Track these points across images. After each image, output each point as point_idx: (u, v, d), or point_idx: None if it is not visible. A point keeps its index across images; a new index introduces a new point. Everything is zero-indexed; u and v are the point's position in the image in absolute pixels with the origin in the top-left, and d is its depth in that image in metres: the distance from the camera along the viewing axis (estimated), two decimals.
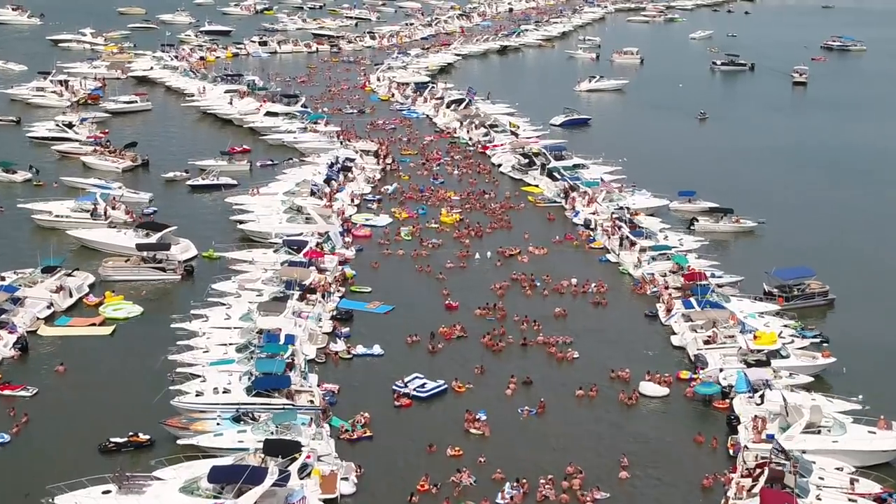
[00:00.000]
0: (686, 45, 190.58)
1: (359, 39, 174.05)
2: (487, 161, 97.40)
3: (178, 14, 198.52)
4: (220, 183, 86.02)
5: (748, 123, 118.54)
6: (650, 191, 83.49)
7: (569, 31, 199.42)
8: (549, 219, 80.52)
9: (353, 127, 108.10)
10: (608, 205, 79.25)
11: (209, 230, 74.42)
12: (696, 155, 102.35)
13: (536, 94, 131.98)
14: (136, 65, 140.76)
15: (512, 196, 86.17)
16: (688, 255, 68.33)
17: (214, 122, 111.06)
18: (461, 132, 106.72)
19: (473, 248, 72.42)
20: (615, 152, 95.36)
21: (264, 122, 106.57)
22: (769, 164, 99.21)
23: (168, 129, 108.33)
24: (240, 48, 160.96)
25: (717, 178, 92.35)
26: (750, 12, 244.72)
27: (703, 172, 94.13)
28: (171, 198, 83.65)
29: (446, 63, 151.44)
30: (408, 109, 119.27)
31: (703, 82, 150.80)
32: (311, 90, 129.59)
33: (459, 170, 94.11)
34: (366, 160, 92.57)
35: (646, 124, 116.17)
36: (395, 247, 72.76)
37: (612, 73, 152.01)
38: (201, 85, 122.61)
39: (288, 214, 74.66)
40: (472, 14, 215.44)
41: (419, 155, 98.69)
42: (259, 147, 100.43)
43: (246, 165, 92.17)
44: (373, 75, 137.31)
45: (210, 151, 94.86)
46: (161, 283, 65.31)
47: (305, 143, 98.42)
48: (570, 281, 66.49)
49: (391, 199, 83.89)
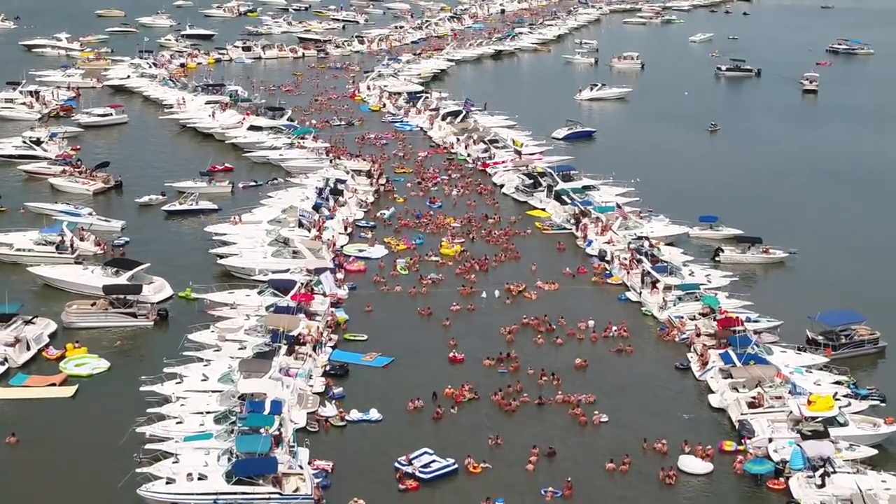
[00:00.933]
0: (686, 48, 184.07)
1: (347, 44, 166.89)
2: (488, 180, 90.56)
3: (159, 17, 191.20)
4: (199, 208, 79.02)
5: (762, 135, 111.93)
6: (667, 216, 76.75)
7: (564, 33, 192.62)
8: (558, 248, 73.71)
9: (343, 142, 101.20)
10: (624, 234, 72.50)
11: (186, 264, 67.43)
12: (711, 172, 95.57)
13: (535, 103, 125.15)
14: (113, 73, 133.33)
15: (517, 221, 79.38)
16: (718, 295, 61.60)
17: (194, 137, 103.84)
18: (459, 147, 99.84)
19: (478, 285, 65.59)
20: (624, 170, 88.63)
21: (247, 136, 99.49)
22: (791, 181, 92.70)
23: (145, 144, 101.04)
24: (222, 54, 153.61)
25: (737, 198, 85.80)
26: (748, 13, 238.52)
27: (720, 193, 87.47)
28: (145, 225, 76.50)
29: (439, 69, 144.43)
30: (400, 122, 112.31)
31: (709, 89, 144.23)
32: (297, 100, 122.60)
33: (458, 189, 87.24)
34: (358, 181, 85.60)
35: (654, 137, 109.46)
36: (392, 282, 65.89)
37: (611, 78, 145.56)
38: (181, 96, 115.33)
39: (274, 248, 67.65)
40: (463, 16, 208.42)
41: (414, 173, 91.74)
42: (242, 165, 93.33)
43: (228, 187, 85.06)
44: (362, 83, 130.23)
45: (189, 170, 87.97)
46: (131, 330, 58.16)
47: (292, 162, 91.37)
48: (588, 323, 59.86)
49: (387, 225, 76.93)
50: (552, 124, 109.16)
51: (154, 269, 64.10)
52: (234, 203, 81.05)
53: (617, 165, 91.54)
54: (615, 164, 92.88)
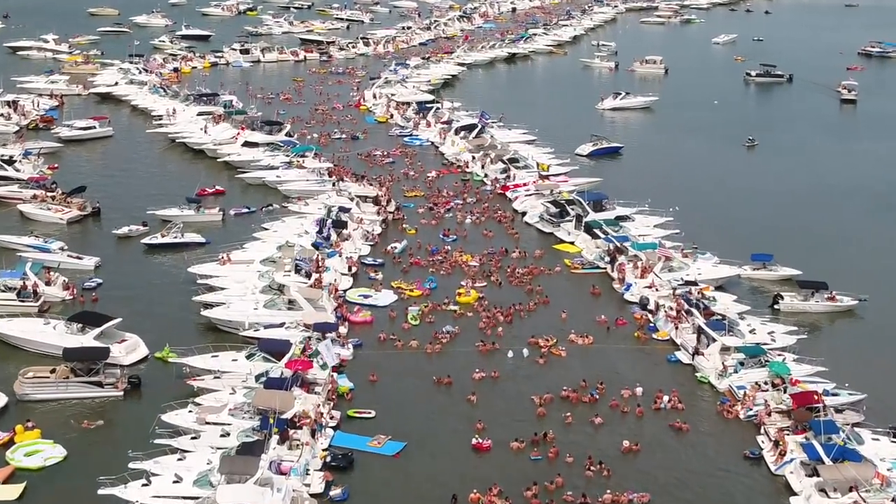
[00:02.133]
0: (710, 50, 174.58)
1: (351, 46, 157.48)
2: (507, 206, 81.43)
3: (154, 16, 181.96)
4: (183, 241, 69.95)
5: (804, 152, 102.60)
6: (714, 253, 67.60)
7: (580, 34, 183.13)
8: (592, 292, 64.48)
9: (347, 160, 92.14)
10: (668, 277, 63.34)
11: (166, 314, 58.58)
12: (755, 197, 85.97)
13: (554, 114, 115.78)
14: (100, 78, 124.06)
15: (542, 255, 70.32)
16: (787, 360, 52.48)
17: (184, 154, 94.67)
18: (474, 167, 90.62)
19: (502, 339, 56.51)
20: (658, 194, 79.78)
21: (241, 154, 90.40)
22: (846, 208, 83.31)
23: (129, 162, 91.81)
24: (219, 57, 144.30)
25: (788, 229, 76.73)
26: (770, 12, 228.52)
27: (767, 222, 78.36)
28: (123, 262, 67.43)
29: (450, 75, 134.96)
30: (409, 135, 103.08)
31: (739, 97, 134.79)
32: (296, 109, 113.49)
33: (473, 216, 78.17)
34: (363, 208, 76.49)
35: (686, 154, 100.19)
36: (404, 335, 56.87)
37: (633, 84, 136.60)
38: (171, 106, 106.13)
39: (266, 296, 58.57)
40: (473, 15, 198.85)
41: (426, 197, 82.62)
42: (235, 187, 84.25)
43: (218, 215, 76.01)
44: (368, 91, 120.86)
45: (176, 194, 78.96)
46: (97, 404, 49.13)
47: (290, 185, 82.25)
48: (635, 392, 50.83)
49: (397, 262, 67.83)
50: (575, 139, 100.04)
51: (128, 323, 55.19)
52: (225, 233, 72.22)
53: (649, 188, 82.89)
54: (647, 186, 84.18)
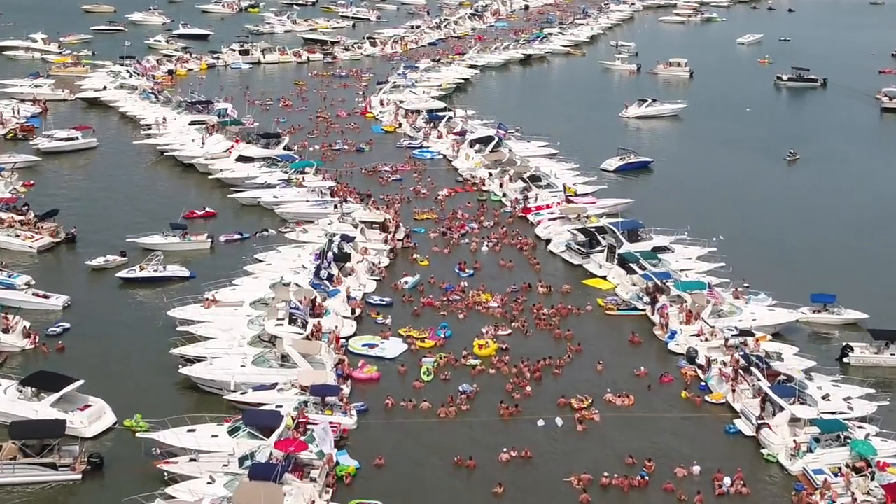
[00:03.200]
0: (734, 51, 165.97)
1: (357, 46, 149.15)
2: (528, 229, 73.23)
3: (150, 13, 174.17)
4: (165, 275, 61.89)
5: (852, 167, 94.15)
6: (768, 293, 59.28)
7: (597, 34, 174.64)
8: (631, 340, 56.15)
9: (350, 176, 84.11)
10: (719, 324, 55.03)
11: (139, 370, 50.52)
12: (804, 221, 77.47)
13: (575, 122, 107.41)
14: (88, 82, 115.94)
15: (571, 291, 62.17)
16: (869, 435, 44.24)
17: (174, 168, 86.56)
18: (492, 185, 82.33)
19: (530, 404, 48.36)
20: (696, 218, 71.85)
21: (235, 170, 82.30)
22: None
23: (112, 178, 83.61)
24: (217, 58, 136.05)
25: (846, 261, 68.52)
26: (793, 10, 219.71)
27: (822, 252, 70.21)
28: (95, 301, 59.33)
29: (462, 79, 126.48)
30: (419, 148, 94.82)
31: (771, 104, 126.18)
32: (297, 117, 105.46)
33: (490, 242, 70.01)
34: (369, 235, 68.30)
35: (722, 169, 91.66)
36: (415, 395, 48.74)
37: (656, 88, 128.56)
38: (161, 114, 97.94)
39: (256, 349, 50.43)
40: (484, 13, 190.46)
41: (437, 220, 74.44)
42: (227, 209, 76.15)
43: (206, 243, 67.90)
44: (375, 97, 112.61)
45: (163, 215, 71.20)
46: (50, 490, 41.07)
47: (288, 207, 74.15)
48: (691, 471, 42.71)
49: (407, 301, 59.64)
50: (599, 152, 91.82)
51: (94, 381, 47.32)
52: (213, 265, 64.24)
53: (685, 211, 75.02)
54: (683, 208, 76.32)
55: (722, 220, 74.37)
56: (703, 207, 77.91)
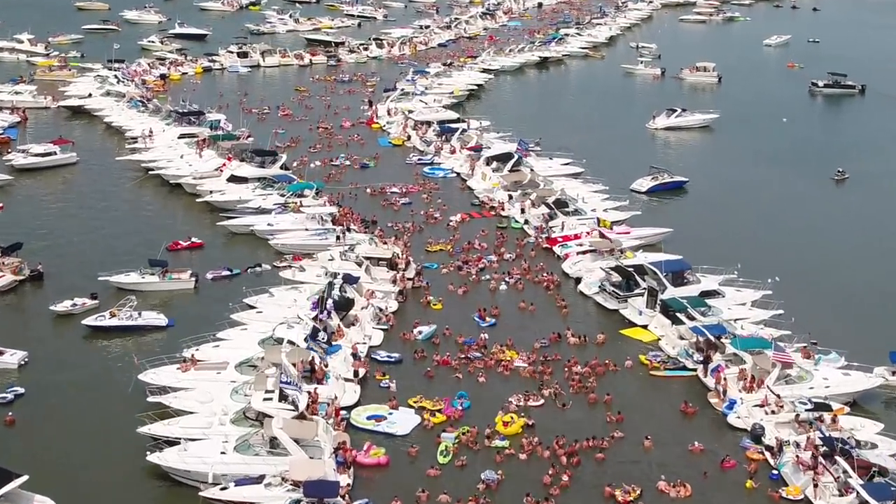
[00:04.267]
0: (762, 54, 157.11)
1: (363, 48, 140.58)
2: (554, 263, 64.92)
3: (146, 12, 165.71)
4: (139, 323, 53.73)
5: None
6: (840, 351, 50.80)
7: (616, 34, 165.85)
8: (684, 410, 47.73)
9: (355, 198, 75.89)
10: (787, 392, 46.64)
11: (101, 455, 42.27)
12: (869, 256, 68.22)
13: (599, 134, 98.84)
14: (73, 88, 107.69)
15: (606, 341, 53.88)
16: None
17: (159, 189, 78.25)
18: (511, 209, 73.95)
19: (567, 499, 40.12)
20: (744, 253, 63.89)
21: (226, 192, 74.04)
22: None
23: (90, 201, 75.20)
24: (213, 61, 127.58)
25: None
26: (818, 9, 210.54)
27: (891, 294, 61.42)
28: (57, 357, 51.18)
29: (475, 85, 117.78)
30: (430, 165, 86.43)
31: (807, 113, 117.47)
32: (298, 127, 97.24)
33: (510, 278, 61.69)
34: (375, 274, 59.96)
35: (764, 190, 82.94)
36: (431, 484, 40.49)
37: (682, 94, 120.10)
38: (149, 126, 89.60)
39: (240, 429, 42.15)
40: (496, 12, 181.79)
41: (451, 252, 66.06)
42: (216, 238, 67.94)
43: (189, 282, 59.60)
44: (381, 105, 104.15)
45: (144, 245, 63.31)
46: None
47: (284, 238, 65.88)
48: None
49: (419, 357, 51.31)
50: (628, 169, 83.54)
51: (45, 474, 39.16)
52: (196, 309, 56.27)
53: (731, 243, 67.33)
54: (727, 239, 68.51)
55: (771, 253, 66.20)
56: (748, 238, 69.61)
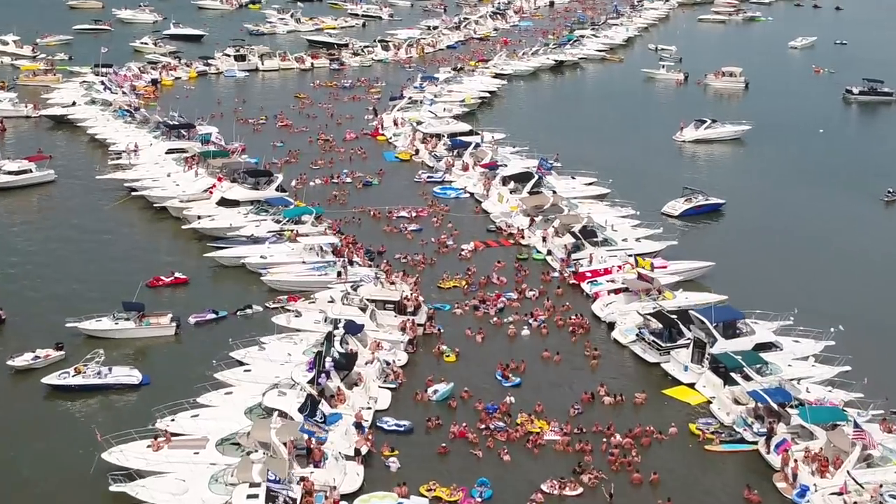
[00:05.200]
0: (787, 57, 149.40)
1: (368, 51, 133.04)
2: (582, 303, 57.54)
3: (141, 11, 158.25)
4: (109, 382, 46.55)
5: None
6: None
7: (633, 36, 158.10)
8: (747, 498, 40.26)
9: (359, 223, 68.67)
10: (868, 478, 39.23)
11: None
12: None
13: (623, 148, 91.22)
14: (57, 96, 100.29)
15: (647, 402, 46.57)
16: None
17: (142, 213, 70.94)
18: (532, 237, 66.55)
19: None
20: (796, 292, 56.29)
21: (216, 217, 66.72)
22: None
23: (64, 229, 67.69)
24: (208, 65, 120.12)
25: None
26: (841, 8, 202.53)
27: None
28: (11, 425, 43.96)
29: (487, 92, 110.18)
30: (441, 183, 79.05)
31: (843, 123, 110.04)
32: (298, 140, 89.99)
33: (534, 320, 54.39)
34: (382, 319, 52.59)
35: (808, 214, 75.49)
36: None
37: (708, 102, 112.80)
38: (134, 140, 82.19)
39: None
40: (507, 11, 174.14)
41: (465, 289, 58.69)
42: (202, 272, 60.61)
43: (170, 327, 52.37)
44: (388, 114, 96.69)
45: (118, 286, 55.77)
46: None
47: (278, 274, 58.57)
48: None
49: (433, 426, 43.99)
50: (659, 190, 76.33)
51: None
52: (175, 363, 49.09)
53: (777, 277, 60.81)
54: (773, 273, 62.17)
55: (827, 291, 59.02)
56: (798, 272, 62.26)
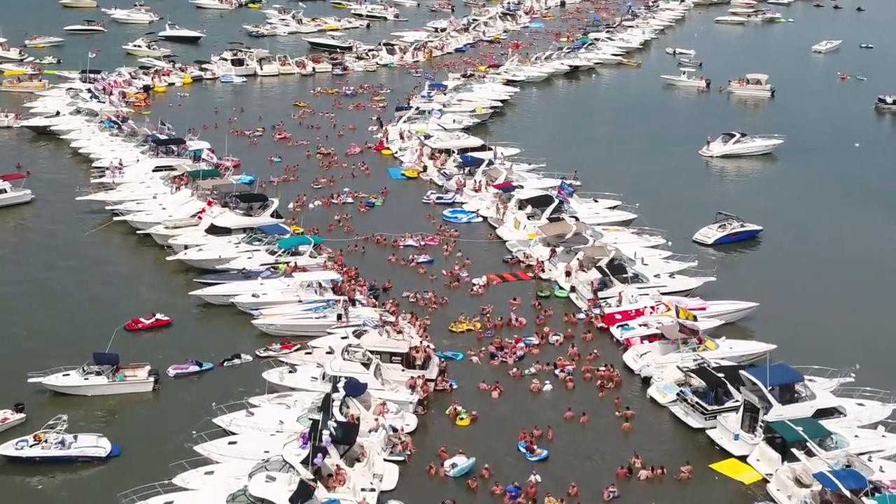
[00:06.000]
0: (812, 62, 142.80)
1: (372, 54, 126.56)
2: (612, 351, 51.15)
3: (136, 11, 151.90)
4: (72, 454, 40.35)
5: None
6: None
7: (650, 39, 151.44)
8: None
9: (363, 252, 62.35)
10: None
11: None
12: None
13: (646, 165, 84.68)
14: (40, 104, 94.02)
15: (692, 478, 40.35)
16: None
17: (125, 240, 64.58)
18: (553, 270, 60.13)
19: None
20: (856, 341, 50.48)
21: (204, 248, 60.36)
22: None
23: (34, 261, 61.16)
24: (204, 70, 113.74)
25: None
26: (863, 9, 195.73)
27: None
28: None
29: (499, 101, 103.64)
30: (451, 203, 72.76)
31: (877, 136, 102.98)
32: (297, 154, 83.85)
33: (561, 371, 48.16)
34: (388, 374, 46.26)
35: (854, 241, 68.66)
36: None
37: (732, 110, 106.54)
38: (119, 157, 75.85)
39: None
40: (517, 12, 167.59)
41: (480, 333, 52.36)
42: (188, 310, 54.41)
43: (147, 383, 46.13)
44: (393, 126, 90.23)
45: (92, 330, 49.66)
46: None
47: (271, 316, 52.21)
48: None
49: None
50: (688, 213, 70.06)
51: None
52: (152, 426, 42.83)
53: (829, 321, 54.58)
54: (823, 315, 55.66)
55: (891, 340, 52.21)
56: (854, 314, 55.83)
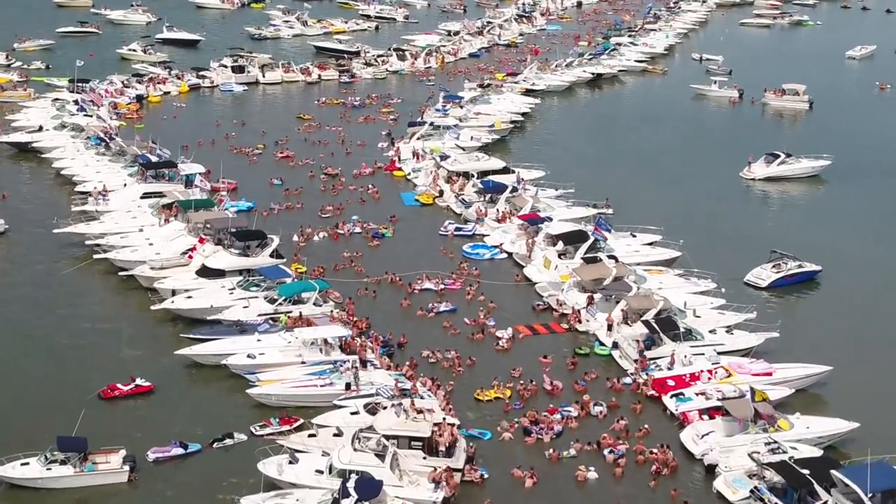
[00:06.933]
0: (847, 69, 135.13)
1: (381, 60, 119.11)
2: (666, 426, 43.82)
3: (133, 11, 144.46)
4: None
5: None
6: None
7: (674, 43, 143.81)
8: None
9: (374, 297, 55.07)
10: None
11: None
12: None
13: (683, 190, 77.10)
14: (22, 117, 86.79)
15: None
16: None
17: (104, 282, 57.10)
18: (592, 321, 52.70)
19: None
20: None
21: (194, 294, 53.00)
22: None
23: (1, 305, 54.13)
24: (202, 77, 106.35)
25: None
26: (893, 10, 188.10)
27: None
28: None
29: (519, 114, 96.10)
30: (471, 235, 65.46)
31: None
32: (300, 175, 76.52)
33: (612, 451, 41.07)
34: (406, 463, 38.94)
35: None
36: None
37: (765, 122, 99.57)
38: (102, 182, 68.50)
39: None
40: (533, 14, 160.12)
41: (509, 402, 45.07)
42: (174, 371, 47.07)
43: (122, 472, 39.00)
44: (405, 143, 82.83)
45: (63, 401, 42.62)
46: None
47: (270, 389, 44.86)
48: None
49: None
50: (737, 250, 62.56)
51: None
52: None
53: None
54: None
55: None
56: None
